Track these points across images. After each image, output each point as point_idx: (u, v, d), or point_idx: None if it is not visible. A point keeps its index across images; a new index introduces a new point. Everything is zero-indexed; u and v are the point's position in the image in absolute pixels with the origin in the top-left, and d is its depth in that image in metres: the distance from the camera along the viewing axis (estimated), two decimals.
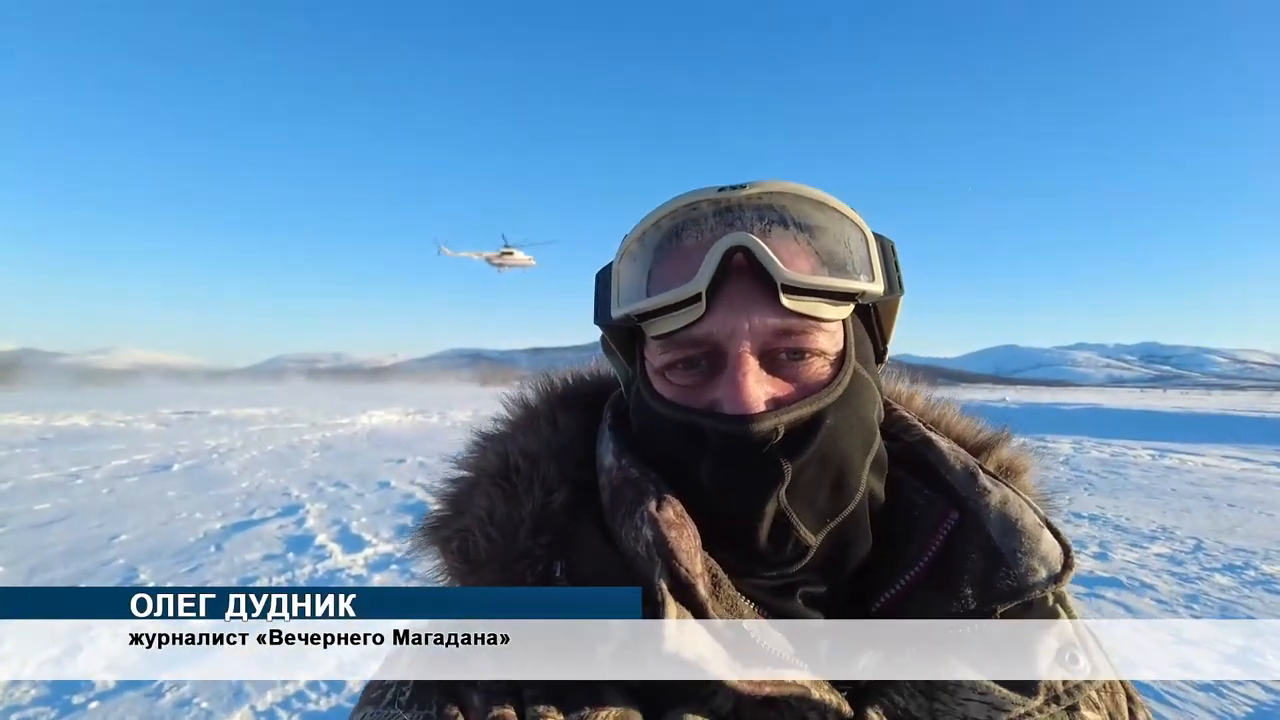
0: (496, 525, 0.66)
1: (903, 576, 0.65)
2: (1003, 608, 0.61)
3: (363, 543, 6.63)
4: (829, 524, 0.62)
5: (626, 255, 0.69)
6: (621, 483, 0.65)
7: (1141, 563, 6.00)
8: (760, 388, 0.60)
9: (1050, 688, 0.59)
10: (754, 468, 0.59)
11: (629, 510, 0.62)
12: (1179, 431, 20.16)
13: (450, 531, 0.69)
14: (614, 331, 0.73)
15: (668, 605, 0.55)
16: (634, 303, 0.65)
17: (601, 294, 0.72)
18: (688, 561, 0.57)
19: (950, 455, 0.71)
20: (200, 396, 47.16)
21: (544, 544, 0.65)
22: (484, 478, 0.71)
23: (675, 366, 0.65)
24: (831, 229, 0.65)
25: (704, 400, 0.63)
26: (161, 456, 13.36)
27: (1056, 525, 0.66)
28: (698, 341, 0.63)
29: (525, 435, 0.74)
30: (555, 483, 0.69)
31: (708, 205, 0.65)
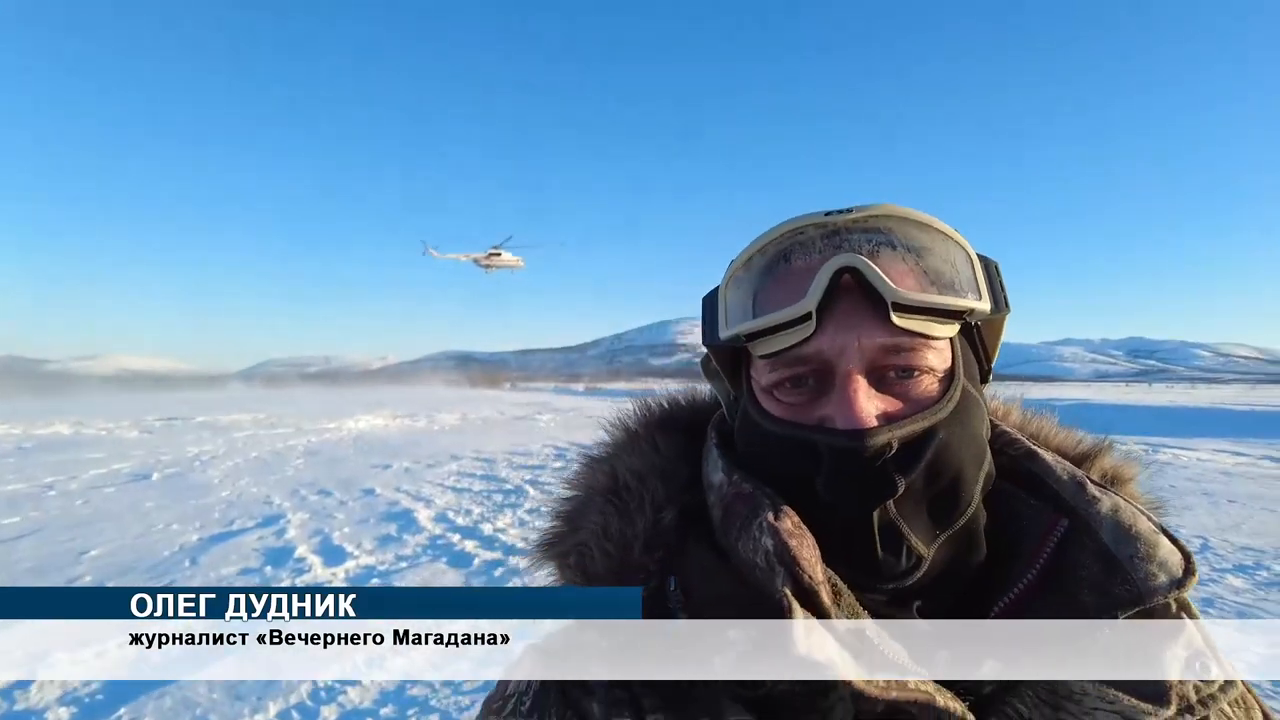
0: (612, 540, 0.68)
1: (1016, 585, 0.64)
2: (1124, 614, 0.60)
3: (344, 554, 6.40)
4: (940, 536, 0.62)
5: (733, 280, 0.70)
6: (734, 498, 0.65)
7: None
8: (871, 404, 0.60)
9: (1183, 696, 0.57)
10: (868, 482, 0.59)
11: (744, 523, 0.62)
12: (1169, 426, 20.19)
13: (567, 547, 0.71)
14: (719, 353, 0.74)
15: (795, 610, 0.55)
16: (742, 323, 0.66)
17: (708, 317, 0.73)
18: (810, 569, 0.57)
19: (1056, 466, 0.71)
20: (186, 402, 46.51)
21: (657, 559, 0.67)
22: (596, 495, 0.72)
23: (783, 385, 0.65)
24: (937, 249, 0.66)
25: (813, 417, 0.63)
26: (141, 465, 13.04)
27: (1172, 531, 0.65)
28: (806, 359, 0.63)
29: (630, 455, 0.75)
30: (664, 501, 0.70)
31: (814, 229, 0.66)
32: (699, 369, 0.82)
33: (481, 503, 8.91)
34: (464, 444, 16.85)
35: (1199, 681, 0.58)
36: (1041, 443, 0.78)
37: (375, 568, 6.00)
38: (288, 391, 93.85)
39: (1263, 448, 15.20)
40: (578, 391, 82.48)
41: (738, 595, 0.61)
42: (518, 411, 32.87)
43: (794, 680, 0.57)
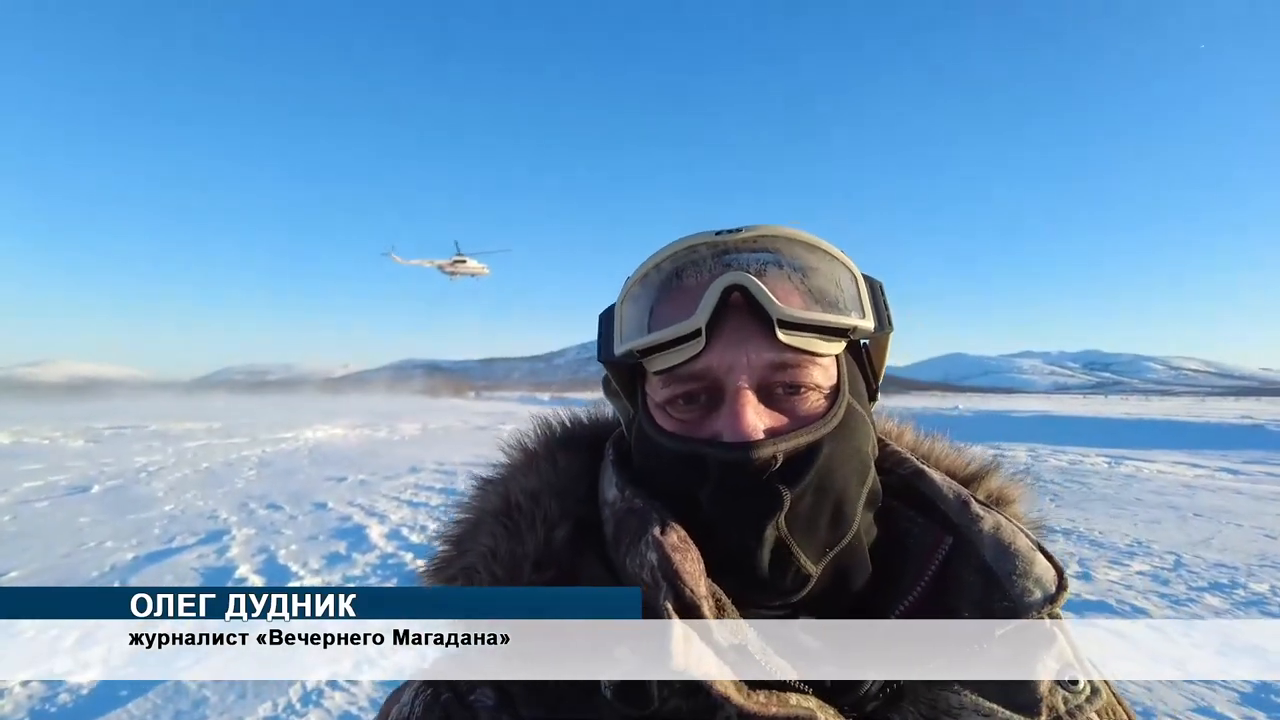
0: (500, 562, 0.68)
1: (901, 602, 0.66)
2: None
3: (289, 575, 6.02)
4: (828, 553, 0.63)
5: (629, 296, 0.72)
6: (625, 513, 0.66)
7: (1126, 582, 5.70)
8: (758, 418, 0.62)
9: (1052, 707, 0.60)
10: (754, 495, 0.60)
11: (633, 539, 0.63)
12: (1127, 437, 20.54)
13: (455, 570, 0.70)
14: (616, 370, 0.75)
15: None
16: (636, 339, 0.68)
17: (605, 333, 0.74)
18: (692, 583, 0.58)
19: (943, 485, 0.73)
20: (139, 410, 45.05)
21: (548, 579, 0.67)
22: (486, 517, 0.72)
23: (676, 401, 0.67)
24: (823, 269, 0.68)
25: (704, 433, 0.65)
26: (82, 477, 12.39)
27: (1049, 549, 0.68)
28: (698, 375, 0.65)
29: (525, 476, 0.75)
30: (557, 519, 0.70)
31: (706, 248, 0.68)
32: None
33: (439, 518, 8.34)
34: (424, 455, 16.42)
35: (1067, 693, 0.61)
36: (932, 463, 0.80)
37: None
38: (246, 399, 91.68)
39: (1217, 459, 15.48)
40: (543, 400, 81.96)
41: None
42: (481, 421, 32.32)
43: (681, 700, 0.57)
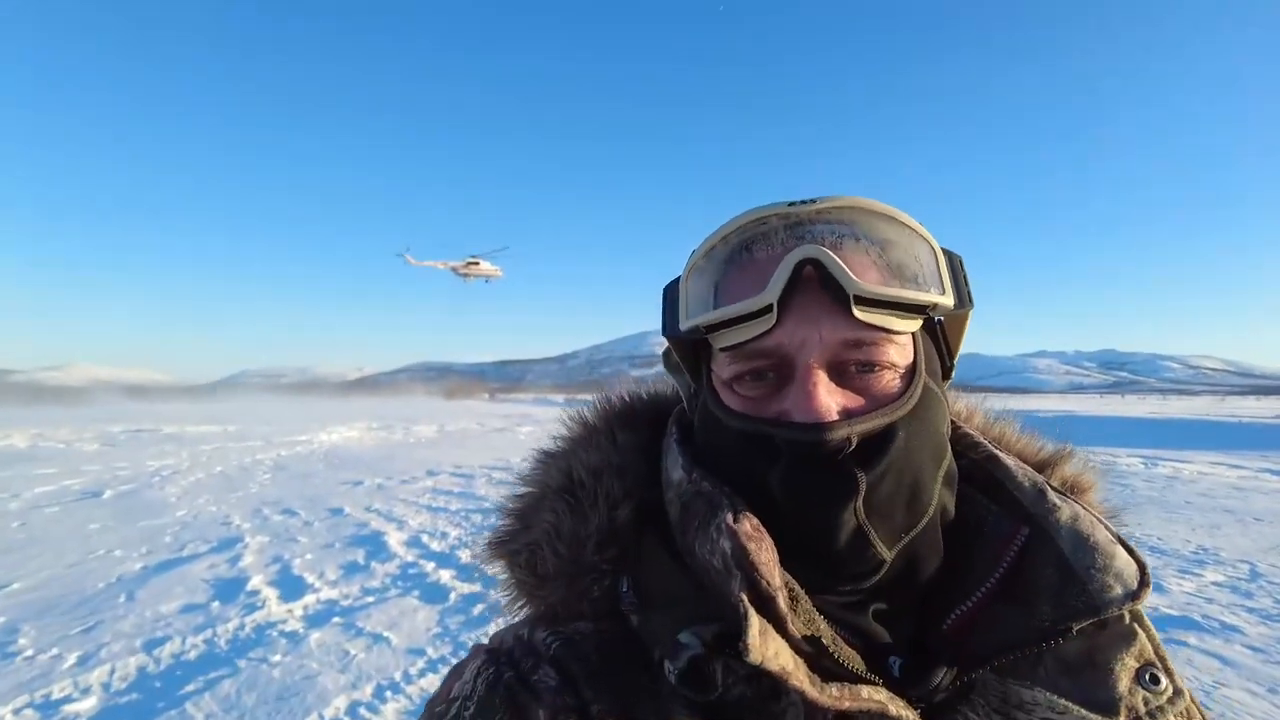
0: (564, 539, 0.67)
1: (975, 592, 0.64)
2: (1078, 625, 0.60)
3: (303, 586, 5.67)
4: (904, 538, 0.61)
5: (694, 270, 0.69)
6: (693, 496, 0.64)
7: (1204, 594, 5.26)
8: (831, 398, 0.60)
9: (1131, 708, 0.57)
10: (828, 477, 0.58)
11: (703, 524, 0.61)
12: (1155, 437, 20.10)
13: (518, 545, 0.70)
14: (680, 346, 0.73)
15: (750, 618, 0.54)
16: (703, 314, 0.65)
17: (668, 308, 0.72)
18: (768, 574, 0.57)
19: (1018, 471, 0.71)
20: (157, 414, 45.21)
21: (610, 558, 0.66)
22: (549, 492, 0.72)
23: (743, 378, 0.64)
24: (901, 243, 0.65)
25: (772, 411, 0.62)
26: (95, 481, 12.15)
27: (1130, 542, 0.64)
28: (767, 353, 0.62)
29: (586, 451, 0.74)
30: (619, 498, 0.69)
31: (777, 220, 0.65)
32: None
33: (459, 524, 8.16)
34: (441, 458, 16.12)
35: (1148, 693, 0.58)
36: (1004, 447, 0.77)
37: (337, 603, 5.26)
38: (261, 402, 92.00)
39: (1257, 460, 15.06)
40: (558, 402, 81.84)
41: (691, 596, 0.61)
42: (498, 423, 32.03)
43: (744, 686, 0.56)
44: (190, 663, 4.17)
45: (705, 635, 0.57)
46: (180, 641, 4.48)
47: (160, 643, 4.47)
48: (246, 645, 4.42)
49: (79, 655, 4.27)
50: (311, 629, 4.70)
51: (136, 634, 4.64)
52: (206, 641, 4.48)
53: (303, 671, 4.01)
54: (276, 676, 3.94)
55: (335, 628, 4.73)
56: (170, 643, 4.46)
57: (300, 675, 3.96)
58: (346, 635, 4.58)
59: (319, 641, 4.47)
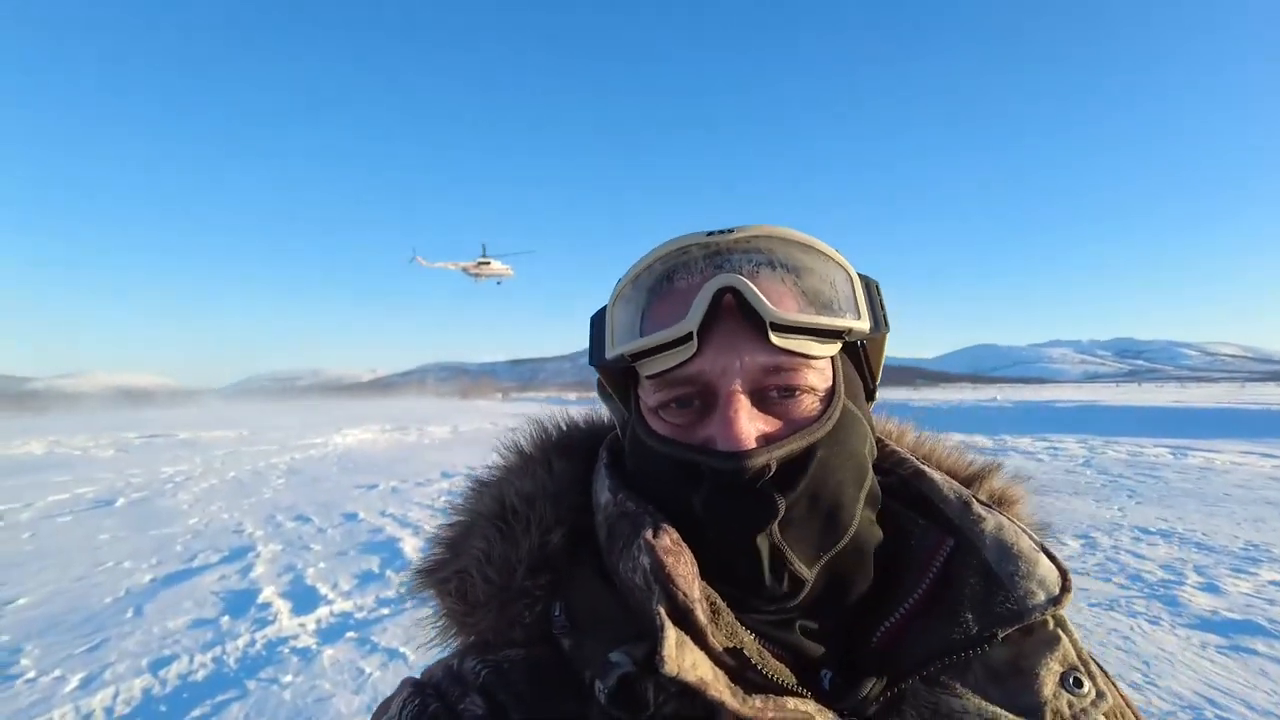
0: (494, 566, 0.68)
1: (902, 605, 0.65)
2: (1003, 632, 0.61)
3: (317, 598, 5.46)
4: (823, 557, 0.62)
5: (620, 298, 0.70)
6: (618, 517, 0.65)
7: (1264, 595, 4.96)
8: (752, 424, 0.61)
9: (1056, 711, 0.59)
10: (748, 502, 0.59)
11: (626, 542, 0.62)
12: (1180, 427, 19.69)
13: (448, 573, 0.70)
14: (609, 374, 0.75)
15: (667, 629, 0.54)
16: (628, 343, 0.66)
17: (596, 336, 0.73)
18: (685, 586, 0.57)
19: (944, 485, 0.73)
20: (171, 419, 45.30)
21: (542, 584, 0.67)
22: (480, 520, 0.72)
23: (669, 405, 0.65)
24: (817, 270, 0.67)
25: (698, 438, 0.63)
26: (108, 489, 12.01)
27: (1052, 550, 0.66)
28: (690, 380, 0.63)
29: (521, 479, 0.74)
30: (552, 523, 0.70)
31: (697, 249, 0.66)
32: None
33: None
34: (455, 459, 15.87)
35: (1072, 696, 0.59)
36: (933, 464, 0.80)
37: (351, 615, 5.05)
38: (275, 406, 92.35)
39: None
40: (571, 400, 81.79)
41: (622, 617, 0.61)
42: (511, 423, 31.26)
43: (677, 703, 0.56)
44: (197, 684, 3.95)
45: (635, 654, 0.57)
46: (188, 660, 4.28)
47: (167, 662, 4.26)
48: (257, 664, 4.21)
49: (82, 677, 4.08)
50: (325, 645, 4.49)
51: (143, 653, 4.44)
52: (215, 660, 4.28)
53: (315, 693, 3.79)
54: (287, 699, 3.73)
55: (349, 643, 4.51)
56: (177, 662, 4.25)
57: (312, 697, 3.74)
58: (361, 652, 4.36)
59: (332, 659, 4.25)
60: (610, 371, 0.74)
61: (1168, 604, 4.82)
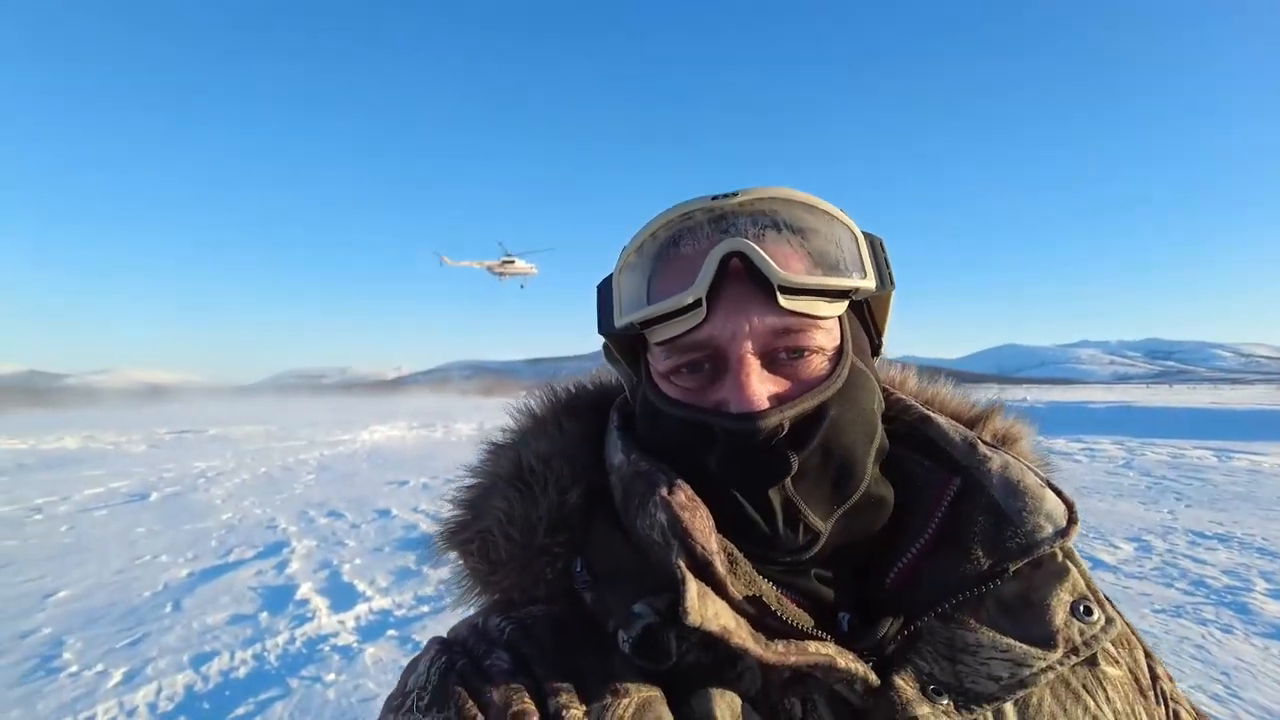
0: (516, 525, 0.69)
1: (912, 545, 0.67)
2: (1014, 566, 0.63)
3: (355, 595, 5.40)
4: (836, 511, 0.63)
5: (626, 266, 0.71)
6: (633, 476, 0.66)
7: None
8: (763, 386, 0.62)
9: (1068, 639, 0.60)
10: (762, 461, 0.60)
11: (642, 500, 0.63)
12: (1220, 429, 19.17)
13: (470, 534, 0.71)
14: (617, 340, 0.75)
15: (688, 581, 0.55)
16: (636, 311, 0.67)
17: (603, 305, 0.74)
18: (703, 540, 0.59)
19: (949, 428, 0.74)
20: (201, 415, 45.89)
21: (562, 541, 0.68)
22: (499, 481, 0.73)
23: (679, 370, 0.66)
24: (822, 230, 0.67)
25: (710, 401, 0.64)
26: (141, 484, 12.11)
27: (1058, 484, 0.68)
28: (700, 345, 0.64)
29: (536, 440, 0.76)
30: (569, 482, 0.71)
31: (702, 214, 0.66)
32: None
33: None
34: None
35: (1082, 624, 0.61)
36: (937, 408, 0.82)
37: (391, 613, 4.98)
38: (302, 402, 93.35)
39: None
40: None
41: (642, 571, 0.62)
42: None
43: (700, 653, 0.59)
44: (239, 681, 3.90)
45: (658, 605, 0.58)
46: (229, 657, 4.23)
47: (208, 658, 4.21)
48: (298, 661, 4.15)
49: (125, 672, 4.04)
50: (365, 643, 4.41)
51: (184, 648, 4.40)
52: (256, 657, 4.22)
53: (359, 693, 3.70)
54: (331, 698, 3.65)
55: (391, 641, 4.43)
56: (218, 658, 4.20)
57: (357, 697, 3.65)
58: (404, 650, 4.28)
59: (374, 658, 4.17)
60: (618, 338, 0.74)
61: (1239, 611, 4.60)
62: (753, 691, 0.59)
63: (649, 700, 0.57)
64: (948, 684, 0.59)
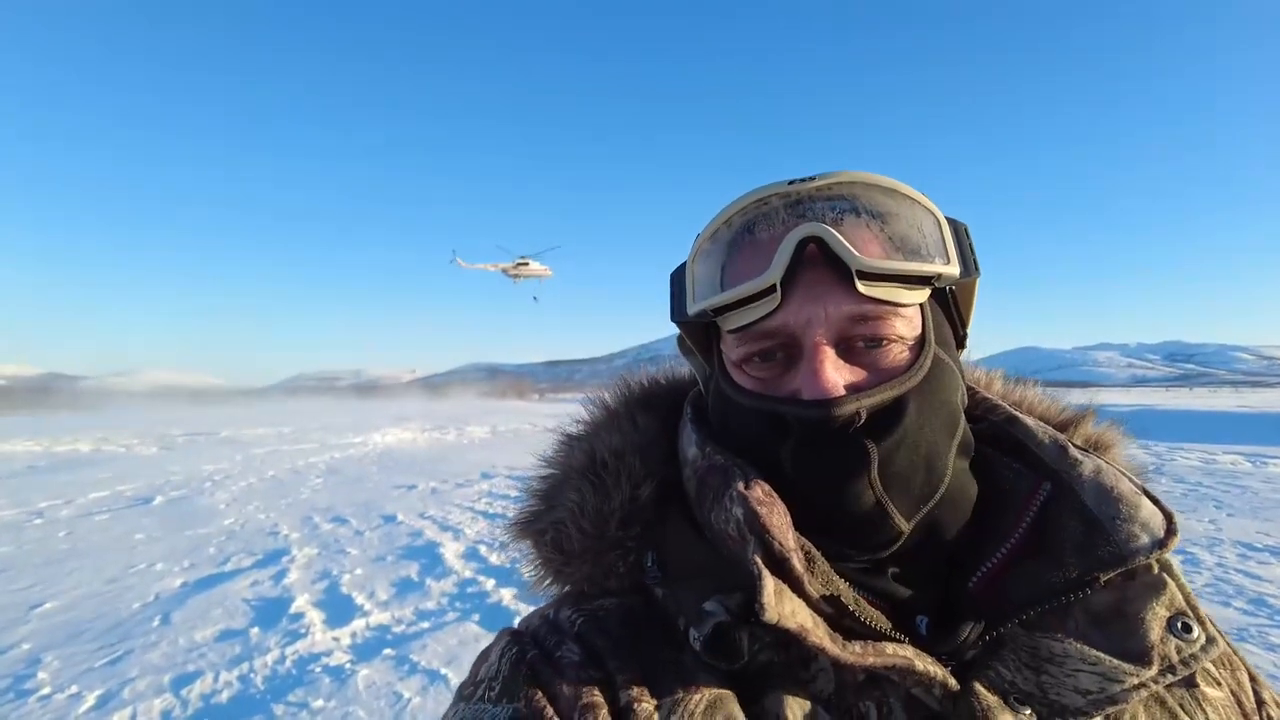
0: (588, 517, 0.68)
1: (1000, 549, 0.64)
2: (1105, 576, 0.60)
3: (352, 608, 5.11)
4: (922, 509, 0.61)
5: (700, 253, 0.69)
6: (707, 470, 0.65)
7: None
8: (838, 374, 0.60)
9: (1164, 656, 0.56)
10: (839, 451, 0.58)
11: (717, 495, 0.62)
12: (1249, 433, 18.70)
13: (544, 524, 0.71)
14: (691, 329, 0.74)
15: (764, 578, 0.54)
16: (709, 298, 0.65)
17: (677, 293, 0.73)
18: (780, 536, 0.57)
19: (1038, 430, 0.71)
20: (215, 417, 45.98)
21: (634, 535, 0.67)
22: (573, 473, 0.72)
23: (752, 359, 0.65)
24: (903, 214, 0.65)
25: (783, 390, 0.62)
26: (147, 487, 11.92)
27: (1156, 494, 0.64)
28: (773, 333, 0.63)
29: (609, 433, 0.74)
30: (641, 477, 0.70)
31: (778, 199, 0.65)
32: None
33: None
34: (496, 459, 15.59)
35: (1180, 641, 0.57)
36: (1025, 410, 0.78)
37: (389, 629, 4.67)
38: (317, 404, 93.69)
39: None
40: None
41: (715, 567, 0.61)
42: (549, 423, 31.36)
43: (772, 653, 0.57)
44: (220, 707, 3.60)
45: (730, 603, 0.57)
46: (212, 678, 3.93)
47: (190, 679, 3.92)
48: (285, 684, 3.85)
49: (99, 695, 3.76)
50: (359, 663, 4.11)
51: (166, 667, 4.11)
52: (241, 679, 3.93)
53: None
54: None
55: (386, 662, 4.12)
56: (201, 680, 3.91)
57: None
58: (399, 673, 3.97)
59: (367, 680, 3.86)
60: (691, 327, 0.74)
61: None
62: (827, 693, 0.57)
63: (720, 698, 0.55)
64: (1030, 694, 0.56)
